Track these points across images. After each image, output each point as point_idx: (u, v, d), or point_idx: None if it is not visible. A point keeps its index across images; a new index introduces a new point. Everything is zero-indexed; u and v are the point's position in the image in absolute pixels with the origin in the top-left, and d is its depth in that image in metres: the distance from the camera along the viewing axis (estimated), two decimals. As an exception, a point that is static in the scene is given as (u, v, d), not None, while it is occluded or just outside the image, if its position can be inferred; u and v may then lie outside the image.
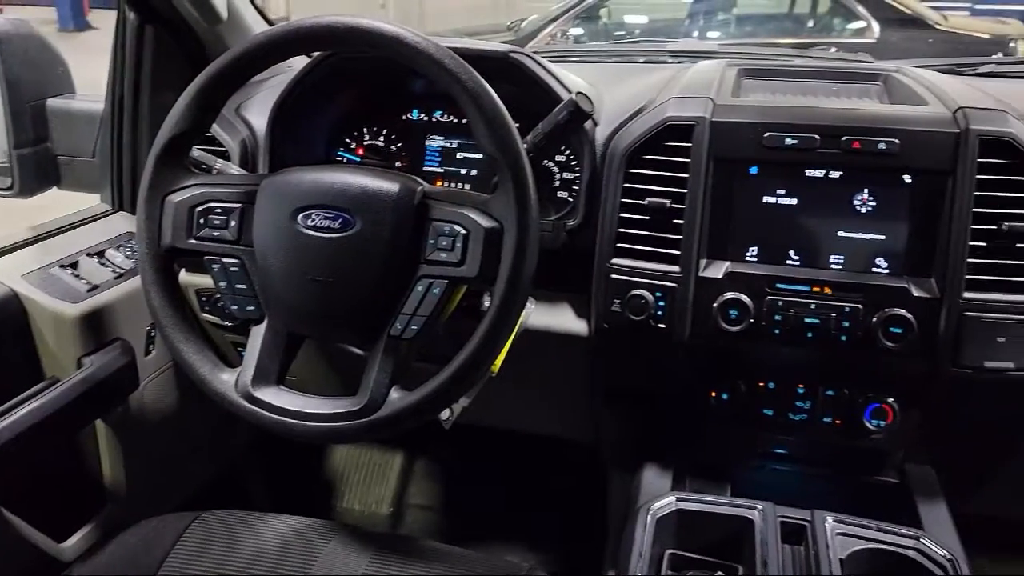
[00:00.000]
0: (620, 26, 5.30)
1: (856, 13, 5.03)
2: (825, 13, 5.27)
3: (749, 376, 1.09)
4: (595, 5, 4.99)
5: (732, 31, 4.75)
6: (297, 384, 0.92)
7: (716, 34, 5.04)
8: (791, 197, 1.03)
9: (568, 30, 4.59)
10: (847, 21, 5.15)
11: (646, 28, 5.52)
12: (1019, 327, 0.97)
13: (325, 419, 0.87)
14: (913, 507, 1.05)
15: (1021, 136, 0.97)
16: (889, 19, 4.93)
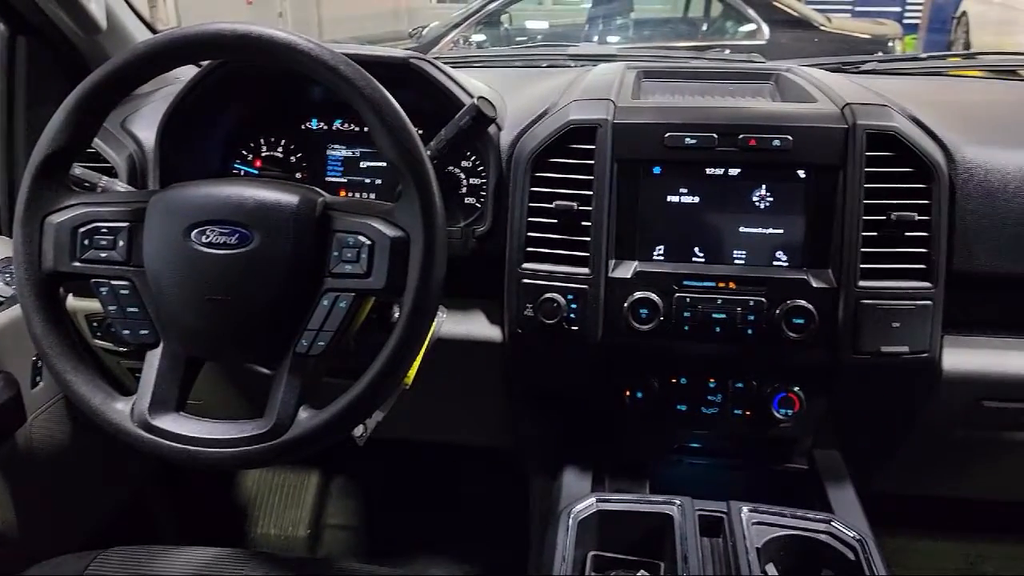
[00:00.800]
0: (522, 32, 5.35)
1: (747, 16, 5.21)
2: (718, 17, 5.45)
3: (662, 373, 1.10)
4: (496, 11, 5.01)
5: (631, 35, 4.87)
6: (202, 409, 0.88)
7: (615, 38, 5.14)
8: (693, 195, 1.05)
9: (470, 36, 4.60)
10: (739, 24, 5.33)
11: (547, 33, 5.60)
12: (911, 312, 1.01)
13: (230, 444, 0.83)
14: (823, 491, 1.09)
15: (903, 129, 1.02)
16: (778, 22, 5.14)
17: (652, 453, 1.19)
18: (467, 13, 4.76)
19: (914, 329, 1.02)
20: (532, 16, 6.13)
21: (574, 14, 6.04)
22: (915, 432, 1.15)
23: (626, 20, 5.03)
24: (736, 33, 5.30)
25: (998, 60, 1.82)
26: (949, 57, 1.64)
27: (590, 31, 4.81)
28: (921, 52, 4.27)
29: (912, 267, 1.02)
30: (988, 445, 1.19)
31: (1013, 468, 1.23)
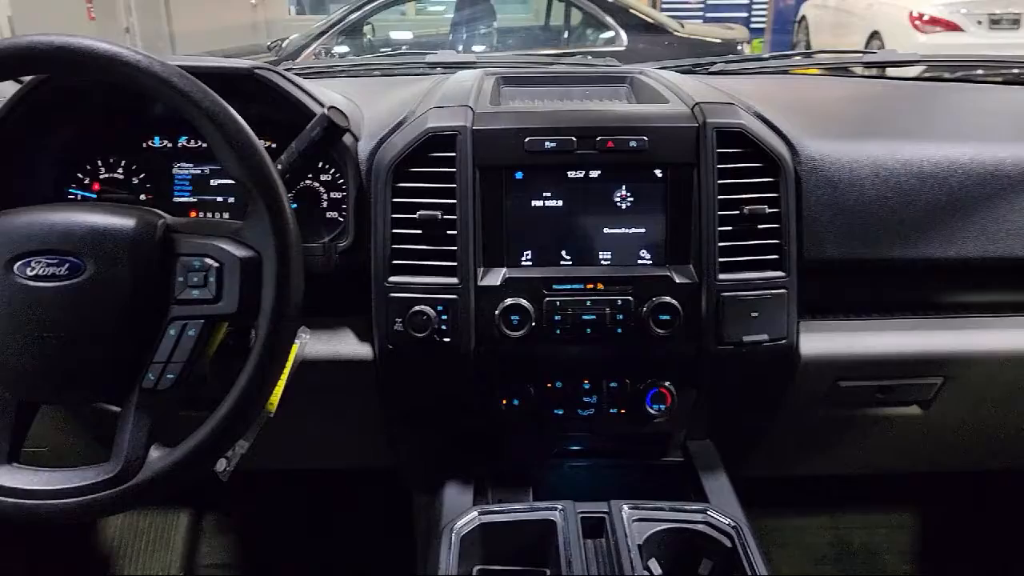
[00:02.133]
0: (386, 42, 5.30)
1: (605, 23, 5.37)
2: (579, 24, 5.59)
3: (537, 378, 1.10)
4: (359, 22, 4.94)
5: (495, 43, 4.91)
6: (47, 456, 0.80)
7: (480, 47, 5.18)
8: (557, 199, 1.06)
9: (332, 48, 4.51)
10: (599, 31, 5.49)
11: (412, 43, 5.57)
12: (769, 301, 1.05)
13: (73, 494, 0.76)
14: (699, 482, 1.11)
15: (749, 126, 1.06)
16: (635, 28, 5.32)
17: (533, 460, 1.18)
18: (328, 24, 4.67)
19: (772, 317, 1.06)
20: (396, 26, 6.09)
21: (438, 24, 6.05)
22: (780, 416, 1.20)
23: (489, 29, 5.07)
24: (597, 40, 5.46)
25: (834, 59, 1.94)
26: (790, 57, 1.72)
27: (454, 40, 4.82)
28: (766, 53, 4.54)
29: (767, 258, 1.06)
30: (847, 423, 1.25)
31: (871, 443, 1.31)
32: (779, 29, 11.57)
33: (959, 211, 1.09)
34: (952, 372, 1.14)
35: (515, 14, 6.33)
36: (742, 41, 5.80)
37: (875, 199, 1.10)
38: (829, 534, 1.67)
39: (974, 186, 1.09)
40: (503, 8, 5.79)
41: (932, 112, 1.37)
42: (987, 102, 1.44)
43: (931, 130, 1.21)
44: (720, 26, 7.49)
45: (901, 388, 1.17)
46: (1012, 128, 1.25)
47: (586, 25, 5.49)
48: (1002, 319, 1.16)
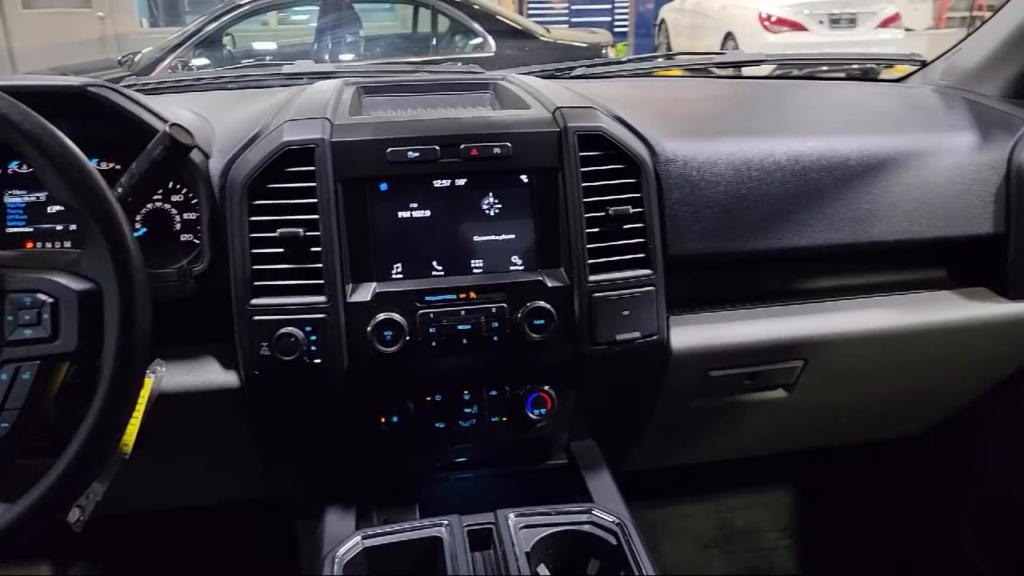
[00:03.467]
0: (247, 53, 5.12)
1: (473, 30, 5.40)
2: (446, 32, 5.58)
3: (416, 393, 1.08)
4: (217, 33, 4.75)
5: (362, 52, 4.83)
6: None
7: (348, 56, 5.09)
8: (424, 209, 1.04)
9: (190, 60, 4.31)
10: (467, 38, 5.51)
11: (276, 53, 5.41)
12: (638, 299, 1.07)
13: None
14: (583, 482, 1.12)
15: (609, 129, 1.07)
16: (502, 34, 5.37)
17: (418, 476, 1.16)
18: (183, 36, 4.47)
19: (642, 315, 1.08)
20: (258, 37, 5.90)
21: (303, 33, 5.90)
22: (656, 410, 1.23)
23: (356, 38, 4.98)
24: (466, 46, 5.47)
25: (692, 60, 2.02)
26: (647, 60, 1.77)
27: (319, 49, 4.71)
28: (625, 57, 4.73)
29: (634, 257, 1.08)
30: (720, 410, 1.30)
31: (743, 427, 1.36)
32: (641, 32, 12.00)
33: (807, 202, 1.15)
34: (811, 355, 1.20)
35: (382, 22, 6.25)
36: (606, 45, 5.96)
37: (731, 194, 1.14)
38: (713, 519, 1.73)
39: (818, 178, 1.16)
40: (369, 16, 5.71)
41: (781, 109, 1.44)
42: (830, 97, 1.53)
43: (780, 126, 1.27)
44: (585, 31, 7.69)
45: (766, 373, 1.22)
46: (851, 121, 1.34)
47: (454, 32, 5.50)
48: (853, 301, 1.23)
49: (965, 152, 1.20)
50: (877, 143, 1.19)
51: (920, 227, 1.19)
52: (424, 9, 5.47)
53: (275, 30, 6.54)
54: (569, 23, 11.57)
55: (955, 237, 1.20)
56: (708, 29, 9.93)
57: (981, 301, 1.23)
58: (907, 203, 1.18)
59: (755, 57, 1.89)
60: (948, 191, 1.19)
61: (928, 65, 1.53)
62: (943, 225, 1.19)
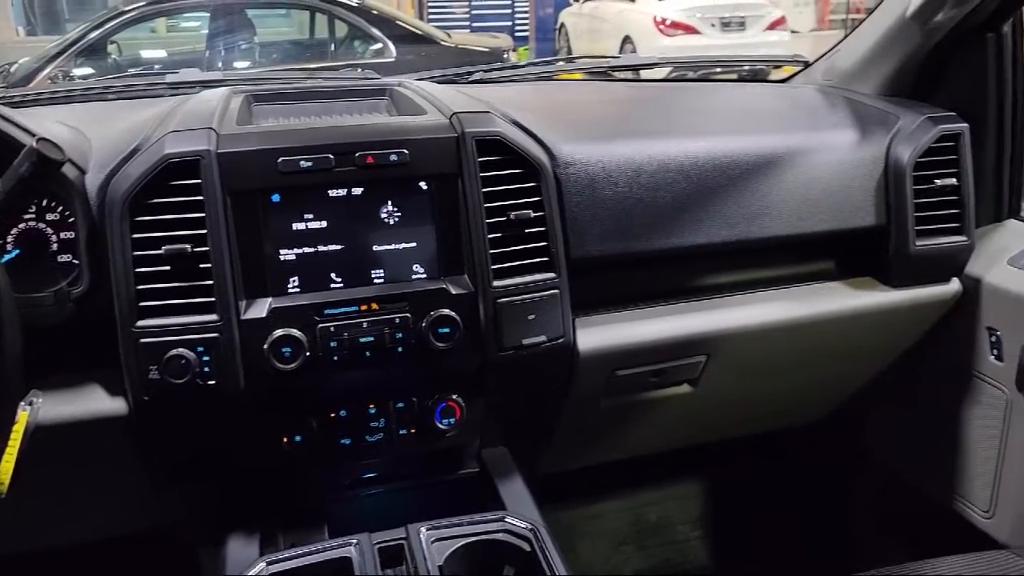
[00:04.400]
0: (135, 62, 4.91)
1: (373, 35, 5.34)
2: (345, 37, 5.50)
3: (319, 410, 1.05)
4: (100, 41, 4.53)
5: (257, 59, 4.70)
6: None
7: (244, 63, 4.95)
8: (320, 220, 1.01)
9: (71, 70, 4.10)
10: (367, 44, 5.44)
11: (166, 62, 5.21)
12: (543, 303, 1.07)
13: None
14: (495, 490, 1.11)
15: (507, 133, 1.07)
16: (403, 40, 5.33)
17: (325, 495, 1.13)
18: (63, 45, 4.24)
19: (548, 318, 1.08)
20: (145, 45, 5.66)
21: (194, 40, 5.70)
22: (566, 412, 1.23)
23: (250, 45, 4.85)
24: (366, 52, 5.41)
25: (592, 64, 2.04)
26: (546, 64, 1.78)
27: (211, 57, 4.55)
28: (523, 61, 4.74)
29: (537, 261, 1.07)
30: (629, 408, 1.31)
31: (651, 424, 1.38)
32: (542, 37, 12.15)
33: (702, 201, 1.18)
34: (713, 350, 1.23)
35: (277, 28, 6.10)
36: (507, 49, 6.01)
37: (629, 196, 1.15)
38: (627, 515, 1.75)
39: (712, 177, 1.19)
40: (263, 22, 5.57)
41: (676, 110, 1.47)
42: (722, 99, 1.58)
43: (675, 128, 1.30)
44: (486, 35, 7.73)
45: (671, 370, 1.25)
46: (742, 122, 1.38)
47: (353, 38, 5.43)
48: (751, 296, 1.27)
49: (847, 148, 1.25)
50: (766, 142, 1.23)
51: (809, 222, 1.23)
52: (321, 15, 5.37)
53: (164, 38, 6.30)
54: (470, 28, 11.58)
55: (841, 230, 1.25)
56: (606, 33, 10.14)
57: (867, 290, 1.29)
58: (796, 199, 1.22)
59: (651, 60, 1.94)
60: (833, 186, 1.24)
61: (811, 66, 1.59)
62: (830, 219, 1.24)
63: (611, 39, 9.88)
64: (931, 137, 1.24)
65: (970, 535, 1.35)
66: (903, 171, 1.23)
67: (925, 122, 1.25)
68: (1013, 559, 0.99)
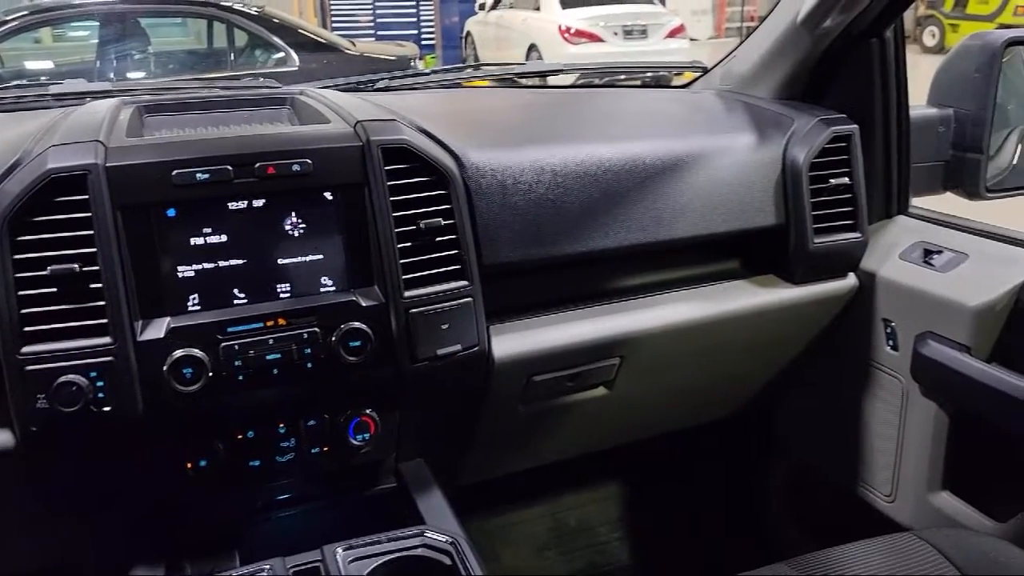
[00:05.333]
0: (18, 74, 4.65)
1: (274, 44, 5.22)
2: (245, 46, 5.36)
3: (225, 432, 1.00)
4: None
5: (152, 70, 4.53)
6: None
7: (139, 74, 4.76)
8: (220, 234, 0.97)
9: (-54, 83, 3.84)
10: (268, 53, 5.32)
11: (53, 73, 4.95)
12: (456, 312, 1.06)
13: None
14: (414, 504, 1.09)
15: (413, 141, 1.05)
16: (306, 48, 5.23)
17: (235, 520, 1.08)
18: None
19: (462, 327, 1.07)
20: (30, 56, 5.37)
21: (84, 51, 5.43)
22: (484, 420, 1.22)
23: (144, 55, 4.66)
24: (267, 61, 5.29)
25: (499, 70, 2.04)
26: (452, 71, 1.77)
27: (102, 68, 4.35)
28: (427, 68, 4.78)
29: (449, 269, 1.06)
30: (546, 414, 1.32)
31: (569, 428, 1.39)
32: (449, 44, 12.16)
33: (611, 205, 1.19)
34: (626, 351, 1.25)
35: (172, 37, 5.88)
36: (414, 57, 5.98)
37: (539, 201, 1.15)
38: (548, 521, 1.75)
39: (620, 181, 1.20)
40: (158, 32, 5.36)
41: (583, 116, 1.49)
42: (627, 104, 1.60)
43: (582, 133, 1.31)
44: (392, 44, 7.68)
45: (587, 373, 1.25)
46: (646, 126, 1.40)
47: (253, 46, 5.29)
48: (661, 297, 1.29)
49: (746, 151, 1.29)
50: (670, 146, 1.25)
51: (713, 222, 1.26)
52: (219, 23, 5.22)
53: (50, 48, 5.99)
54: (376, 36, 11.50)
55: (744, 230, 1.29)
56: (513, 41, 10.25)
57: (770, 288, 1.33)
58: (700, 201, 1.25)
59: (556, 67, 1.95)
60: (734, 188, 1.27)
61: (709, 71, 1.64)
62: (733, 219, 1.27)
63: (517, 47, 9.99)
64: (824, 138, 1.29)
65: (876, 520, 1.41)
66: (799, 171, 1.28)
67: (818, 124, 1.30)
68: (915, 541, 1.03)
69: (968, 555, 1.00)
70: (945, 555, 1.00)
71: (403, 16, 12.30)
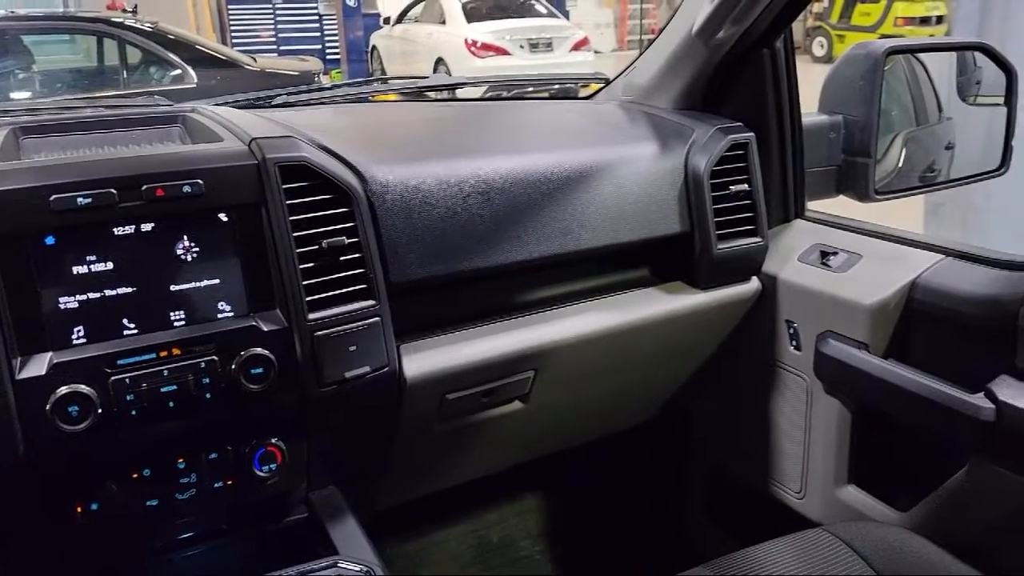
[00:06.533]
0: None
1: (170, 61, 5.05)
2: (139, 63, 5.17)
3: (118, 472, 0.94)
4: None
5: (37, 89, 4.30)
6: None
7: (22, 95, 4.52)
8: (106, 261, 0.91)
9: None
10: (165, 70, 5.14)
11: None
12: (364, 332, 1.03)
13: None
14: (326, 534, 1.05)
15: (312, 158, 1.02)
16: (203, 64, 5.08)
17: (132, 565, 1.02)
18: None
19: (370, 348, 1.04)
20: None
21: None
22: (398, 443, 1.19)
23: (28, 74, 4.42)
24: (164, 78, 5.10)
25: (403, 84, 2.02)
26: (353, 85, 1.74)
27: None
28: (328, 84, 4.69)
29: (354, 289, 1.03)
30: (463, 432, 1.29)
31: (486, 444, 1.37)
32: (355, 59, 12.03)
33: (519, 217, 1.18)
34: (540, 364, 1.24)
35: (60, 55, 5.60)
36: (318, 72, 5.88)
37: (446, 216, 1.14)
38: (471, 539, 1.73)
39: (527, 193, 1.19)
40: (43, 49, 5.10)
41: (490, 129, 1.48)
42: (533, 117, 1.60)
43: (490, 145, 1.30)
44: (295, 59, 7.53)
45: (502, 388, 1.24)
46: (553, 138, 1.41)
47: (148, 64, 5.10)
48: (573, 308, 1.29)
49: (649, 160, 1.31)
50: (575, 157, 1.25)
51: (621, 232, 1.27)
52: (110, 40, 5.00)
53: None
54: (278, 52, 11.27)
55: (651, 238, 1.30)
56: (420, 55, 10.22)
57: (678, 294, 1.35)
58: (607, 211, 1.26)
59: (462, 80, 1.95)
60: (640, 197, 1.28)
61: (611, 83, 1.66)
62: (640, 228, 1.29)
63: (424, 61, 9.96)
64: (723, 147, 1.32)
65: (789, 517, 1.45)
66: (701, 179, 1.30)
67: (716, 133, 1.33)
68: (824, 536, 1.06)
69: (873, 546, 1.03)
70: (852, 547, 1.03)
71: (306, 31, 12.11)
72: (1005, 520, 1.10)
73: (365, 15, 12.26)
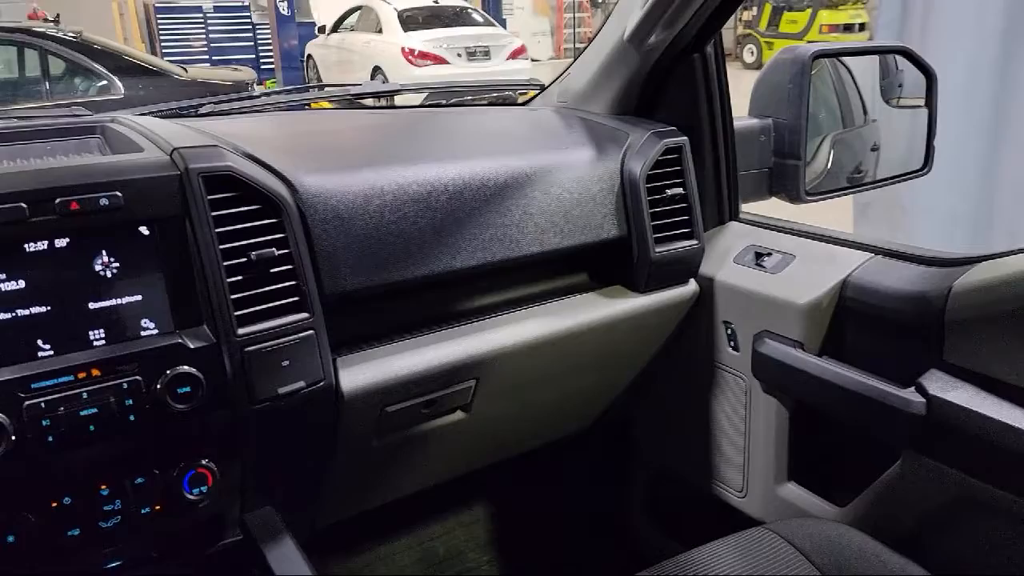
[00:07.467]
0: None
1: (95, 71, 4.89)
2: (63, 74, 5.00)
3: (36, 501, 0.89)
4: None
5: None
6: None
7: (-64, 107, 4.30)
8: (16, 280, 0.86)
9: None
10: (91, 81, 4.98)
11: None
12: (297, 346, 1.00)
13: None
14: (262, 556, 1.01)
15: (239, 168, 0.99)
16: (131, 74, 4.94)
17: None
18: None
19: (304, 362, 1.01)
20: None
21: None
22: (336, 458, 1.16)
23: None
24: (89, 89, 4.95)
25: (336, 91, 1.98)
26: (282, 93, 1.70)
27: None
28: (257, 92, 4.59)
29: (286, 302, 1.00)
30: (404, 444, 1.27)
31: (429, 456, 1.35)
32: (289, 67, 11.86)
33: (456, 225, 1.17)
34: (480, 373, 1.22)
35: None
36: (251, 81, 5.77)
37: (381, 225, 1.11)
38: (416, 552, 1.70)
39: (464, 201, 1.18)
40: (-42, 59, 4.89)
41: (426, 136, 1.46)
42: (470, 123, 1.59)
43: (425, 153, 1.28)
44: (227, 68, 7.39)
45: (442, 399, 1.22)
46: (489, 144, 1.39)
47: (72, 74, 4.93)
48: (513, 315, 1.28)
49: (585, 165, 1.31)
50: (511, 163, 1.24)
51: (558, 238, 1.26)
52: (31, 50, 4.82)
53: None
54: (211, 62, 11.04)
55: (589, 243, 1.30)
56: (356, 64, 10.14)
57: (618, 298, 1.35)
58: (544, 217, 1.25)
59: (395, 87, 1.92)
60: (577, 202, 1.28)
61: (546, 89, 1.66)
62: (578, 234, 1.28)
63: (361, 70, 9.88)
64: (657, 151, 1.32)
65: (731, 517, 1.46)
66: (637, 184, 1.30)
67: (651, 137, 1.34)
68: (766, 534, 1.07)
69: (814, 542, 1.05)
70: (793, 545, 1.04)
71: (239, 40, 11.90)
72: (939, 511, 1.12)
73: (300, 24, 12.11)
